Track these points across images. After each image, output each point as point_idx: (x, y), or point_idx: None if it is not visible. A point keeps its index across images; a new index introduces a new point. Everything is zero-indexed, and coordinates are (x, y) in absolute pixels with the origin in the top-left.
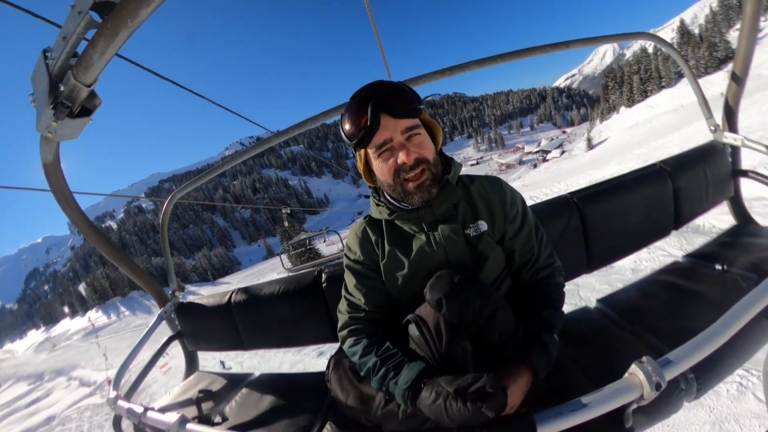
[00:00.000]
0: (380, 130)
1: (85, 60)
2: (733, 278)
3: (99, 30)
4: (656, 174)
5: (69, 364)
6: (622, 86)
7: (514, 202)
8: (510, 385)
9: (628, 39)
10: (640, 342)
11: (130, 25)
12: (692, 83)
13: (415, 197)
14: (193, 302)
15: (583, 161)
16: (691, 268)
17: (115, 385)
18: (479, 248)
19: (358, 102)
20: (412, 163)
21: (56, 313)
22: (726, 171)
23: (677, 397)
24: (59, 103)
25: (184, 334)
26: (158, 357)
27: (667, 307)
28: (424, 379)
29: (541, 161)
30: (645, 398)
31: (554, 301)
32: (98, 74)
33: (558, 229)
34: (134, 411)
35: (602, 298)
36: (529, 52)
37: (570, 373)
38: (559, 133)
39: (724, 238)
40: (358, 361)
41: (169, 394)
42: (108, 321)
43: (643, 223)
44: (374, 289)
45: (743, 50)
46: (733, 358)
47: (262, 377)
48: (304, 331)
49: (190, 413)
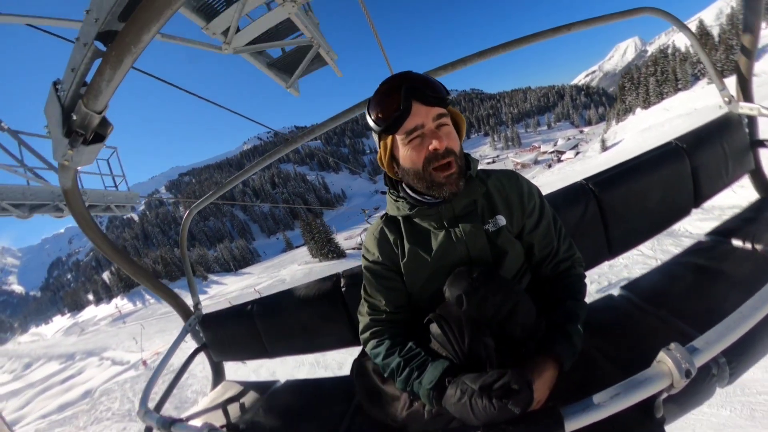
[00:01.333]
0: (412, 115)
1: (94, 88)
2: (761, 255)
3: (104, 58)
4: (672, 152)
5: (99, 346)
6: (639, 87)
7: (531, 196)
8: (535, 379)
9: (629, 16)
10: (667, 327)
11: (134, 51)
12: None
13: (445, 188)
14: (215, 313)
15: (595, 163)
16: (715, 247)
17: (143, 398)
18: (498, 243)
19: (389, 88)
20: (443, 151)
21: (81, 301)
22: (744, 143)
23: (709, 384)
24: (73, 131)
25: (209, 345)
26: (185, 369)
27: (694, 290)
28: (448, 377)
29: (556, 161)
30: (675, 387)
31: (576, 293)
32: (108, 101)
33: (575, 217)
34: (164, 422)
35: (626, 285)
36: (531, 39)
37: (596, 363)
38: (577, 133)
39: (747, 213)
40: (381, 362)
41: (197, 404)
42: (134, 308)
43: (662, 204)
44: (394, 290)
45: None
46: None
47: (287, 384)
48: (326, 336)
49: (218, 422)
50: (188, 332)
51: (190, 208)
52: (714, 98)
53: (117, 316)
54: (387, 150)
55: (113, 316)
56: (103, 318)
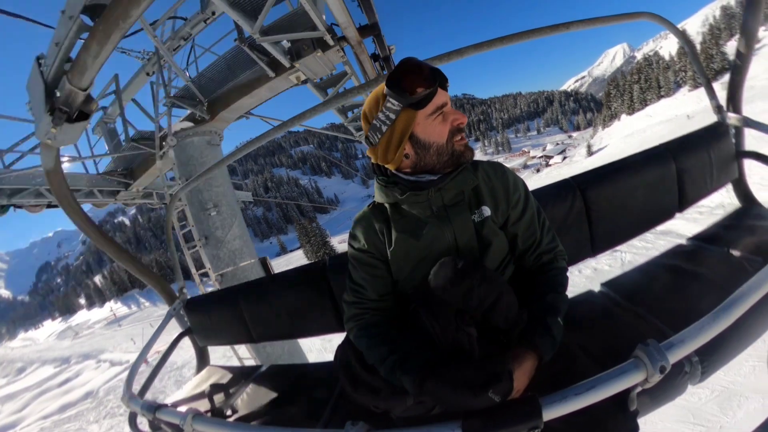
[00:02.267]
0: (438, 94)
1: (79, 64)
2: (738, 261)
3: (91, 33)
4: (659, 156)
5: (96, 348)
6: (624, 94)
7: (517, 188)
8: (515, 369)
9: (628, 20)
10: (644, 325)
11: (122, 26)
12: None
13: (466, 154)
14: (201, 298)
15: (580, 167)
16: (695, 251)
17: (128, 384)
18: (483, 234)
19: (414, 67)
20: (464, 125)
21: (73, 305)
22: (730, 152)
23: (682, 380)
24: (56, 109)
25: (194, 330)
26: (169, 354)
27: (672, 290)
28: (431, 365)
29: (544, 166)
30: (649, 381)
31: (558, 285)
32: (93, 77)
33: (561, 213)
34: (149, 407)
35: (606, 282)
36: (528, 35)
37: (575, 356)
38: (565, 137)
39: (728, 221)
40: (365, 349)
41: (182, 389)
42: (129, 311)
43: (647, 206)
44: (379, 278)
45: (747, 30)
46: (738, 341)
47: (271, 369)
48: (311, 322)
49: (202, 407)
50: (173, 317)
51: (175, 192)
52: (692, 106)
53: (112, 319)
54: (407, 127)
55: (108, 320)
56: (97, 321)
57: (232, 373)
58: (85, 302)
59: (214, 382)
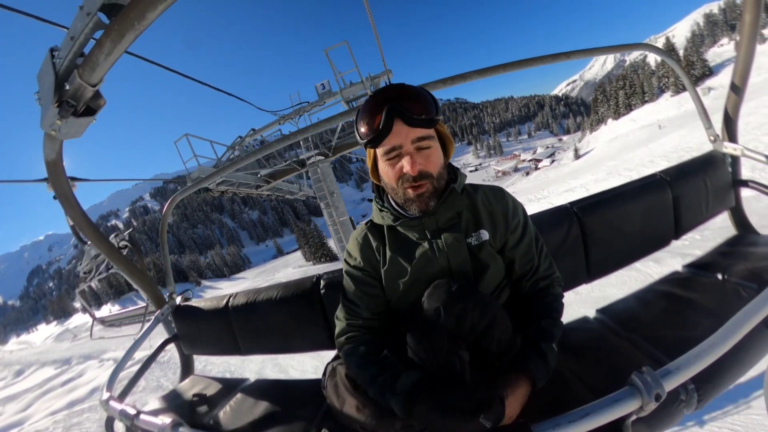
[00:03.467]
0: (392, 134)
1: (92, 60)
2: (734, 288)
3: (106, 31)
4: (656, 184)
5: (97, 349)
6: (610, 100)
7: (516, 213)
8: (508, 395)
9: (627, 50)
10: (639, 352)
11: (137, 27)
12: (691, 92)
13: (414, 205)
14: (190, 305)
15: (566, 171)
16: (690, 278)
17: (108, 386)
18: (480, 257)
19: (375, 102)
20: (415, 175)
21: (68, 308)
22: (726, 181)
23: (677, 408)
24: (64, 101)
25: (181, 338)
26: (153, 360)
27: (667, 317)
28: (422, 387)
29: (534, 169)
30: (644, 409)
31: (553, 311)
32: (104, 75)
33: (558, 238)
34: (127, 413)
35: (601, 308)
36: (531, 63)
37: (569, 383)
38: (556, 141)
39: (724, 248)
40: (355, 368)
41: (163, 397)
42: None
43: (643, 233)
44: (373, 297)
45: (742, 60)
46: (734, 368)
47: (257, 383)
48: (301, 338)
49: (183, 417)
50: (160, 321)
51: (174, 196)
52: (673, 110)
53: None
54: (371, 159)
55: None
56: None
57: (217, 384)
58: (80, 305)
59: (197, 392)
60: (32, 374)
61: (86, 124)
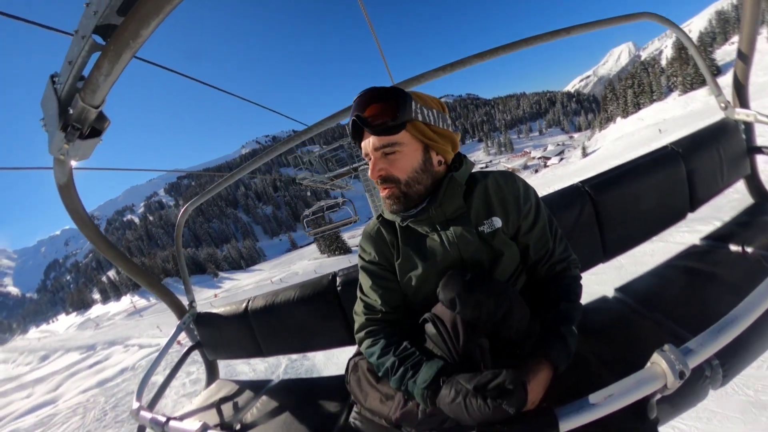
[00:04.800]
0: (363, 141)
1: (92, 83)
2: (755, 258)
3: (103, 53)
4: (668, 156)
5: (120, 336)
6: (619, 99)
7: (528, 197)
8: (530, 380)
9: (629, 20)
10: (661, 330)
11: (133, 45)
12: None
13: (386, 204)
14: (210, 312)
15: (573, 169)
16: (709, 251)
17: (137, 396)
18: (494, 245)
19: (351, 112)
20: (376, 180)
21: (87, 300)
22: (740, 148)
23: (702, 385)
24: (69, 125)
25: (204, 344)
26: (179, 367)
27: (687, 293)
28: (443, 377)
29: (543, 167)
30: (669, 388)
31: (571, 294)
32: (105, 95)
33: (571, 219)
34: (157, 420)
35: (620, 287)
36: (530, 42)
37: (590, 365)
38: (566, 138)
39: (742, 218)
40: (375, 361)
41: (191, 403)
42: (148, 303)
43: (657, 208)
44: (390, 290)
45: (748, 26)
46: (759, 342)
47: (282, 383)
48: (321, 336)
49: (211, 421)
50: (182, 330)
51: (185, 206)
52: (679, 110)
53: (132, 310)
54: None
55: (128, 311)
56: (117, 313)
57: (242, 387)
58: (99, 297)
59: (224, 396)
60: (58, 359)
61: (93, 145)
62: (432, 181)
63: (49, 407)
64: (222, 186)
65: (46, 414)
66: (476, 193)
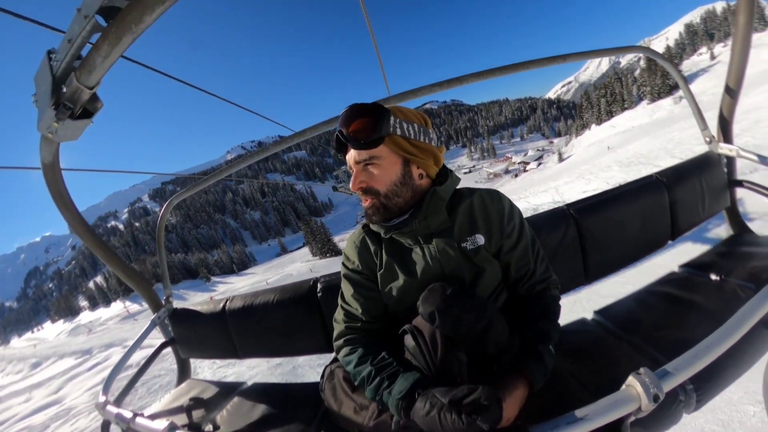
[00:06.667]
0: (347, 154)
1: (89, 63)
2: (731, 288)
3: (104, 34)
4: (653, 185)
5: (117, 339)
6: (593, 107)
7: (512, 217)
8: (506, 397)
9: (622, 52)
10: (638, 353)
11: (135, 30)
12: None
13: (367, 214)
14: (187, 308)
15: (549, 174)
16: (688, 279)
17: (104, 390)
18: (476, 261)
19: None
20: (357, 191)
21: (74, 307)
22: (722, 181)
23: (676, 409)
24: (61, 104)
25: (177, 341)
26: (150, 363)
27: (665, 318)
28: (419, 389)
29: (522, 171)
30: (643, 410)
31: (550, 313)
32: (101, 77)
33: (555, 240)
34: (123, 416)
35: (599, 310)
36: (528, 65)
37: (567, 385)
38: (547, 144)
39: (720, 248)
40: (352, 370)
41: (159, 401)
42: (141, 308)
43: (640, 235)
44: (371, 299)
45: (736, 62)
46: (732, 368)
47: (255, 386)
48: (298, 341)
49: (180, 421)
50: (156, 325)
51: (170, 199)
52: (646, 118)
53: (126, 315)
54: None
55: (121, 316)
56: (109, 318)
57: (214, 387)
58: (87, 304)
59: (194, 396)
60: (51, 365)
61: (83, 126)
62: (413, 194)
63: (55, 407)
64: (209, 182)
65: (59, 410)
66: (461, 210)
